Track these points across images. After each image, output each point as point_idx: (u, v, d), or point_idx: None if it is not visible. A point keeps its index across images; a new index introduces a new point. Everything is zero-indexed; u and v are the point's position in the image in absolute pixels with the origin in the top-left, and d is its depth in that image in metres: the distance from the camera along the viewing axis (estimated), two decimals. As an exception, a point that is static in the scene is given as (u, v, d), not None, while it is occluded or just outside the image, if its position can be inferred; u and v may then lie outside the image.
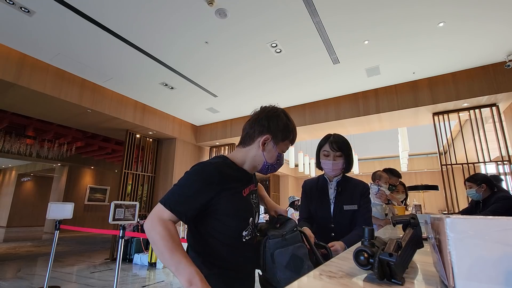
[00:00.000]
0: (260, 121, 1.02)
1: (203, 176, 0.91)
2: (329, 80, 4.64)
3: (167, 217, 0.85)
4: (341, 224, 1.47)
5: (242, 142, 1.05)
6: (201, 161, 0.97)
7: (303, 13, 3.04)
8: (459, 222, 0.35)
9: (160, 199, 0.89)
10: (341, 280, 0.48)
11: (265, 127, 1.01)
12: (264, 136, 1.01)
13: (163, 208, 0.86)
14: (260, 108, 1.07)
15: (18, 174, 13.22)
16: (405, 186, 3.32)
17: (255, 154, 1.02)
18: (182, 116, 6.52)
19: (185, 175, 0.93)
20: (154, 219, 0.84)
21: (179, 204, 0.87)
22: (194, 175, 0.92)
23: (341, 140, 1.53)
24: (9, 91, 4.12)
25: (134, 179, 6.18)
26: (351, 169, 1.56)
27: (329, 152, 1.51)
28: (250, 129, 1.02)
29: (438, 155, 4.72)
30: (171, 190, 0.91)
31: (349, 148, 1.54)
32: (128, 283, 4.05)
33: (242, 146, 1.05)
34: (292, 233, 1.01)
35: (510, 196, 2.61)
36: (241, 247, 0.98)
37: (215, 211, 0.93)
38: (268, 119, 1.01)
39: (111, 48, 3.73)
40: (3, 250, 6.61)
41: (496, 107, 4.31)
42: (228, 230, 0.95)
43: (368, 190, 1.56)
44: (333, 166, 1.49)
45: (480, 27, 3.25)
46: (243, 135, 1.06)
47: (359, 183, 1.57)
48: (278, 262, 0.94)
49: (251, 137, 1.02)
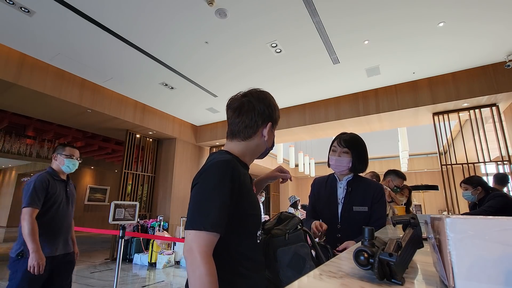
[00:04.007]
0: (259, 110, 0.95)
1: (228, 176, 0.82)
2: (329, 80, 4.64)
3: (209, 242, 0.75)
4: (349, 225, 1.41)
5: (241, 135, 0.95)
6: (215, 159, 0.87)
7: (303, 13, 3.04)
8: (459, 222, 0.35)
9: (193, 222, 0.76)
10: (341, 280, 0.48)
11: (266, 115, 0.96)
12: (268, 124, 0.96)
13: (203, 234, 0.75)
14: (247, 95, 0.97)
15: (18, 174, 13.22)
16: (411, 191, 3.13)
17: (257, 143, 0.97)
18: (182, 116, 6.52)
19: (208, 180, 0.82)
20: (195, 255, 0.73)
21: (216, 218, 0.77)
22: (220, 176, 0.82)
23: (350, 138, 1.48)
24: (9, 91, 4.12)
25: (134, 179, 6.18)
26: (364, 169, 1.49)
27: (336, 148, 1.49)
28: (251, 121, 0.94)
29: (438, 155, 4.72)
30: (200, 206, 0.79)
31: (359, 146, 1.47)
32: (128, 283, 4.05)
33: (241, 139, 0.96)
34: (295, 231, 1.00)
35: (504, 194, 2.68)
36: (256, 248, 0.92)
37: (237, 212, 0.85)
38: (266, 106, 0.96)
39: (111, 48, 3.73)
40: (3, 250, 6.61)
41: (496, 107, 4.31)
42: (245, 230, 0.89)
43: (381, 192, 1.46)
44: (337, 162, 1.46)
45: (480, 27, 3.25)
46: (240, 127, 0.95)
47: (372, 183, 1.48)
48: (280, 261, 0.94)
49: (253, 128, 0.95)
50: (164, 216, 6.18)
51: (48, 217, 1.91)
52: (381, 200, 1.44)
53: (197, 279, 0.71)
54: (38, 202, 1.83)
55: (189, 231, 0.76)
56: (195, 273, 0.72)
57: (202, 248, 0.74)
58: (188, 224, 0.77)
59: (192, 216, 0.78)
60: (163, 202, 6.48)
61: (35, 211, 1.81)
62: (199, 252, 0.73)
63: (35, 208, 1.81)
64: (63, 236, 2.00)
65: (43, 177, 1.92)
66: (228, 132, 0.99)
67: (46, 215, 1.90)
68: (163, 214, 6.27)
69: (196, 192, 0.82)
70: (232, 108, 0.97)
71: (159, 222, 5.72)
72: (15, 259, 1.82)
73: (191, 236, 0.75)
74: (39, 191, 1.85)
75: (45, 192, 1.89)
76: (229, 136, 0.98)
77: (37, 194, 1.84)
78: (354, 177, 1.49)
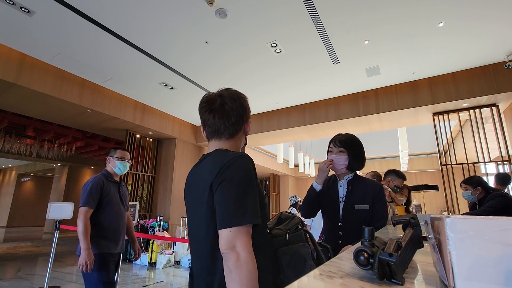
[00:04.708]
0: (241, 108, 0.98)
1: (253, 169, 0.85)
2: (329, 80, 4.64)
3: (250, 235, 0.76)
4: (350, 224, 1.45)
5: (227, 133, 0.96)
6: (235, 155, 0.86)
7: (303, 13, 3.04)
8: (459, 222, 0.35)
9: (234, 219, 0.75)
10: (341, 280, 0.48)
11: (247, 111, 1.00)
12: (249, 120, 1.02)
13: (246, 229, 0.75)
14: (223, 95, 0.97)
15: (18, 174, 13.23)
16: (410, 190, 3.09)
17: (240, 139, 1.01)
18: (182, 116, 6.52)
19: (238, 175, 0.81)
20: (240, 251, 0.72)
21: (255, 208, 0.79)
22: (248, 170, 0.83)
23: (345, 138, 1.55)
24: (9, 91, 4.12)
25: (134, 179, 6.18)
26: (360, 167, 1.56)
27: (332, 149, 1.56)
28: (237, 119, 0.96)
29: (438, 155, 4.72)
30: (238, 202, 0.78)
31: (355, 145, 1.54)
32: (128, 283, 4.05)
33: (228, 137, 0.96)
34: (296, 231, 1.01)
35: (504, 193, 2.68)
36: (268, 240, 0.93)
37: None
38: (245, 103, 1.00)
39: (111, 48, 3.73)
40: (3, 250, 6.61)
41: (496, 107, 4.31)
42: (263, 224, 0.88)
43: (382, 191, 1.51)
44: (334, 161, 1.52)
45: (480, 27, 3.25)
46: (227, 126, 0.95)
47: (372, 182, 1.55)
48: (281, 261, 0.94)
49: (239, 125, 0.97)
50: (164, 216, 6.18)
51: (107, 216, 2.02)
52: (382, 199, 1.48)
53: (246, 275, 0.70)
54: (92, 202, 1.94)
55: (228, 229, 0.74)
56: (242, 270, 0.70)
57: (247, 243, 0.73)
58: (228, 222, 0.75)
59: (231, 213, 0.76)
60: (163, 202, 6.48)
61: (89, 211, 1.93)
62: (245, 248, 0.72)
63: (90, 208, 1.93)
64: (119, 235, 2.10)
65: (99, 179, 2.04)
66: (209, 132, 0.97)
67: (102, 214, 2.01)
68: (163, 214, 6.27)
69: (228, 189, 0.80)
70: (211, 109, 0.96)
71: (159, 222, 5.72)
72: None
73: (233, 233, 0.74)
74: (94, 192, 1.97)
75: (99, 193, 2.00)
76: (214, 137, 0.97)
77: (92, 195, 1.95)
78: (354, 177, 1.55)
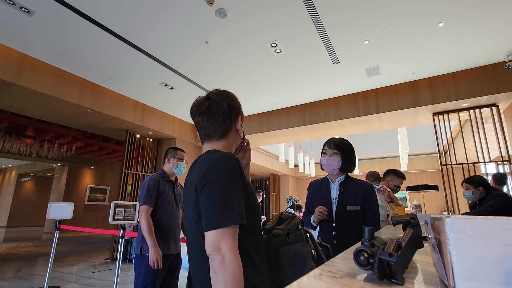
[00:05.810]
0: (229, 107, 0.97)
1: (237, 169, 0.84)
2: (329, 80, 4.64)
3: (236, 236, 0.76)
4: (344, 224, 1.51)
5: (217, 134, 0.96)
6: (217, 157, 0.86)
7: (303, 13, 3.04)
8: (459, 222, 0.35)
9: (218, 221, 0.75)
10: (341, 280, 0.48)
11: (235, 110, 0.99)
12: (239, 118, 1.01)
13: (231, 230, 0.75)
14: (210, 97, 0.98)
15: (18, 174, 13.22)
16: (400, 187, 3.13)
17: (234, 138, 1.00)
18: (182, 116, 6.52)
19: (221, 176, 0.81)
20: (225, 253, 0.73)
21: (240, 209, 0.78)
22: (232, 170, 0.82)
23: (339, 141, 1.63)
24: (9, 91, 4.12)
25: (134, 179, 6.18)
26: (352, 169, 1.62)
27: (327, 151, 1.64)
28: (224, 118, 0.96)
29: (438, 155, 4.72)
30: (222, 204, 0.77)
31: (348, 148, 1.62)
32: (128, 283, 4.05)
33: (219, 138, 0.96)
34: (296, 231, 1.01)
35: (504, 193, 2.69)
36: (262, 243, 0.93)
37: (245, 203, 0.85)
38: (232, 102, 0.99)
39: (111, 48, 3.73)
40: (3, 250, 6.61)
41: (496, 107, 4.31)
42: (254, 224, 0.88)
43: (372, 191, 1.57)
44: (328, 161, 1.60)
45: (480, 27, 3.25)
46: (215, 127, 0.96)
47: (363, 183, 1.61)
48: (281, 260, 0.94)
49: (228, 124, 0.97)
50: (164, 216, 6.16)
51: (160, 215, 2.04)
52: (373, 199, 1.56)
53: (230, 277, 0.70)
54: (151, 200, 1.99)
55: (213, 231, 0.75)
56: (227, 272, 0.70)
57: (231, 245, 0.74)
58: (212, 224, 0.75)
59: (215, 215, 0.76)
60: (163, 202, 6.47)
61: (150, 209, 1.98)
62: (229, 249, 0.73)
63: (149, 206, 1.98)
64: (173, 236, 2.10)
65: (155, 178, 2.09)
66: (201, 136, 1.00)
67: (157, 213, 2.02)
68: (163, 214, 6.26)
69: (211, 191, 0.80)
70: (200, 112, 0.97)
71: (159, 222, 5.71)
72: (138, 256, 1.95)
73: (218, 235, 0.74)
74: (151, 190, 2.01)
75: (156, 191, 2.03)
76: (206, 139, 0.99)
77: (150, 193, 2.00)
78: (346, 178, 1.62)
